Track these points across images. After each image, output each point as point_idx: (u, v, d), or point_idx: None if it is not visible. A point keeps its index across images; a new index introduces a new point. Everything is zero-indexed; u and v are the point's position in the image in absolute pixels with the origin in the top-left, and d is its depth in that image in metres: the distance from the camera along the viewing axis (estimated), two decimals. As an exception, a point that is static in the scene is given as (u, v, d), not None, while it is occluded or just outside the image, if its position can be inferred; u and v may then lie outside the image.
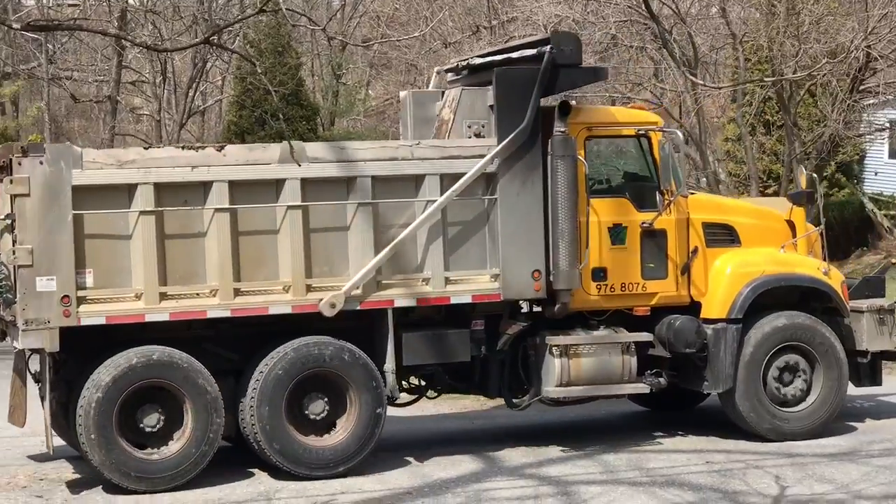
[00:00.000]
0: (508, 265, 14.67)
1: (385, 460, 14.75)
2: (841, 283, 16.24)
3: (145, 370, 13.41)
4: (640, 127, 15.65)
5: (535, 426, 17.19)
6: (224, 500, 13.07)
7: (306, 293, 13.97)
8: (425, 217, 14.38)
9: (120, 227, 13.47)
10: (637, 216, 15.41)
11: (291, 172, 13.84)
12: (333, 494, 13.21)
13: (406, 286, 14.50)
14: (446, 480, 13.77)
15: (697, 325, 15.31)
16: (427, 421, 17.69)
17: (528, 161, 14.75)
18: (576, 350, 14.90)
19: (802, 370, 15.64)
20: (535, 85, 14.66)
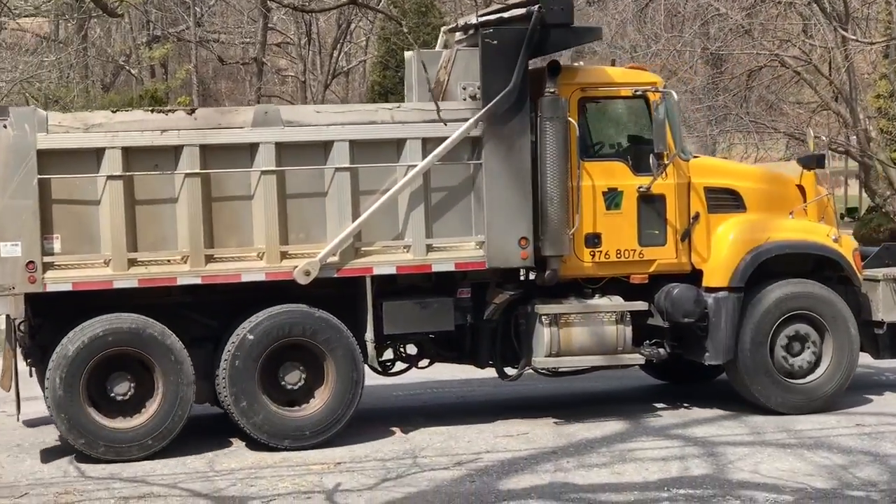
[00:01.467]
0: (494, 232, 13.79)
1: (531, 420, 14.47)
2: (853, 251, 15.05)
3: (112, 338, 12.91)
4: (637, 87, 14.57)
5: (679, 387, 16.59)
6: (370, 457, 12.86)
7: (281, 260, 13.34)
8: (405, 182, 13.58)
9: (88, 192, 12.97)
10: (634, 180, 14.39)
11: (265, 136, 13.22)
12: (478, 454, 12.89)
13: (386, 253, 13.73)
14: (591, 440, 13.44)
15: (697, 293, 14.30)
16: (574, 381, 16.90)
17: (515, 124, 13.81)
18: (566, 319, 14.02)
19: (812, 340, 14.57)
20: (523, 46, 13.73)
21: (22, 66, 31.95)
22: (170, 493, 11.75)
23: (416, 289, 14.21)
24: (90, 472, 12.67)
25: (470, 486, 11.61)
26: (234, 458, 13.06)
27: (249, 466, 12.71)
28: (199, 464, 12.90)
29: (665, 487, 11.29)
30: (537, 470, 12.19)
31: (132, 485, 12.10)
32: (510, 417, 14.71)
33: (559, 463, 12.48)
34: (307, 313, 13.47)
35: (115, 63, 50.21)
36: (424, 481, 11.81)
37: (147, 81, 50.82)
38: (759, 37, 31.39)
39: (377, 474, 12.13)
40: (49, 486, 12.08)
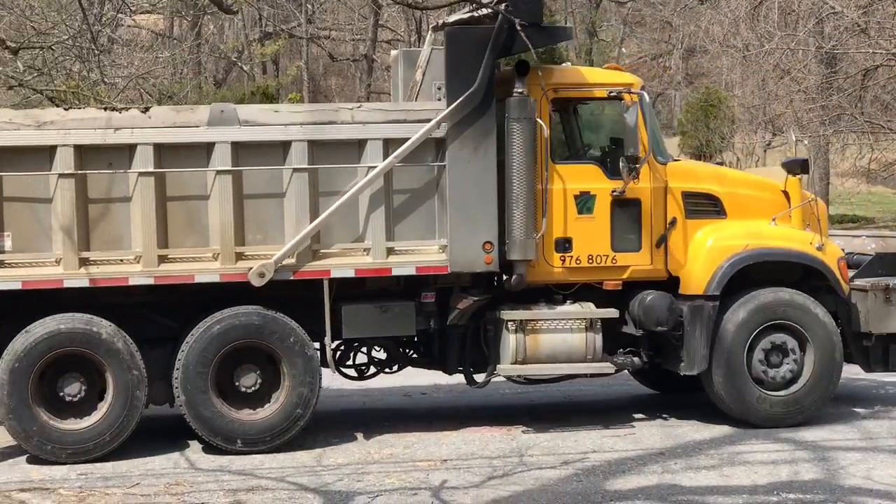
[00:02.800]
0: (457, 235, 13.10)
1: (638, 421, 14.14)
2: (838, 260, 14.01)
3: (59, 339, 12.52)
4: (612, 88, 13.74)
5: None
6: (477, 454, 12.58)
7: (236, 261, 12.81)
8: (364, 184, 12.93)
9: (40, 190, 12.55)
10: (608, 184, 13.59)
11: (222, 136, 12.71)
12: (585, 453, 12.56)
13: (345, 256, 13.11)
14: (700, 442, 13.02)
15: (670, 301, 13.48)
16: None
17: (480, 126, 13.10)
18: (533, 326, 13.34)
19: (792, 351, 13.67)
20: (488, 45, 13.07)
21: (137, 62, 32.32)
22: (278, 487, 11.47)
23: (385, 292, 13.58)
24: (200, 463, 12.49)
25: (576, 486, 11.30)
26: (342, 454, 12.78)
27: (356, 462, 12.43)
28: (306, 458, 12.64)
29: (774, 491, 10.91)
30: (644, 471, 11.85)
31: (241, 477, 11.87)
32: (617, 417, 14.29)
33: (666, 464, 12.09)
34: (262, 315, 12.90)
35: (227, 59, 50.69)
36: (531, 480, 11.52)
37: (258, 78, 51.22)
38: (876, 36, 30.77)
39: (483, 472, 11.85)
40: (160, 477, 11.90)
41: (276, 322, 12.91)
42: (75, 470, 12.26)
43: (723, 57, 56.88)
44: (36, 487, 11.66)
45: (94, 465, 12.40)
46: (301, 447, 13.02)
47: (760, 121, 45.98)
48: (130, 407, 12.71)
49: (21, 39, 25.05)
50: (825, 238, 14.13)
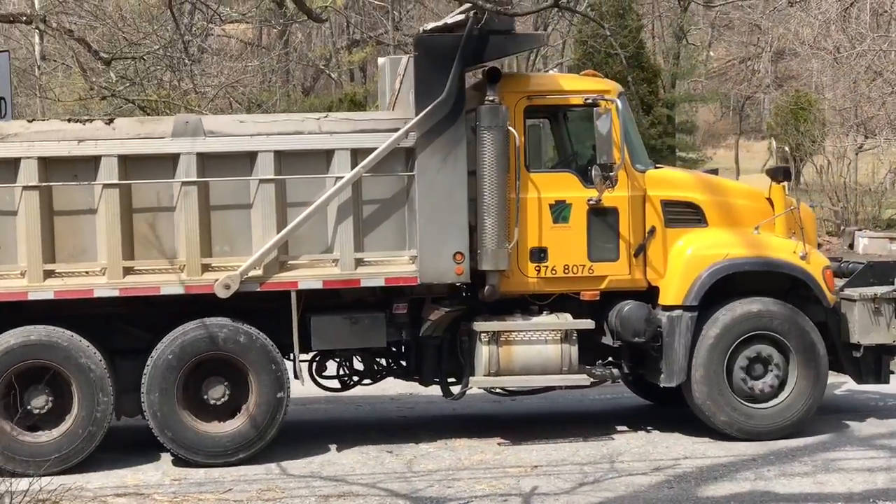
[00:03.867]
0: (427, 246, 12.68)
1: None
2: (823, 269, 13.39)
3: (24, 351, 12.28)
4: (588, 95, 13.24)
5: (888, 396, 15.43)
6: (567, 461, 12.41)
7: (202, 273, 12.47)
8: (331, 194, 12.52)
9: (4, 203, 12.31)
10: (584, 192, 13.08)
11: (187, 147, 12.40)
12: (677, 459, 12.32)
13: (313, 267, 12.73)
14: (793, 448, 12.67)
15: (648, 312, 13.01)
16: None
17: (450, 135, 12.66)
18: (507, 337, 12.89)
19: (775, 363, 13.12)
20: (457, 53, 12.64)
21: (227, 71, 32.70)
22: (369, 493, 11.28)
23: (360, 303, 13.17)
24: (292, 469, 12.30)
25: (668, 492, 11.06)
26: (432, 460, 12.54)
27: (447, 468, 12.16)
28: (397, 464, 12.41)
29: (871, 499, 10.66)
30: (736, 477, 11.57)
31: (332, 483, 11.68)
32: (707, 424, 13.61)
33: (759, 471, 11.79)
34: (229, 327, 12.55)
35: (315, 67, 50.99)
36: (622, 486, 11.29)
37: (346, 85, 51.45)
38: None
39: (574, 478, 11.64)
40: (252, 483, 11.74)
41: (243, 334, 12.57)
42: (169, 475, 12.10)
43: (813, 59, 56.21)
44: (131, 493, 11.51)
45: (187, 471, 12.25)
46: (391, 453, 12.87)
47: (852, 124, 45.41)
48: (96, 419, 12.42)
49: (113, 50, 25.34)
50: (810, 246, 13.49)
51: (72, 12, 26.15)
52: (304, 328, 12.84)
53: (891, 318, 13.36)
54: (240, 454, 12.58)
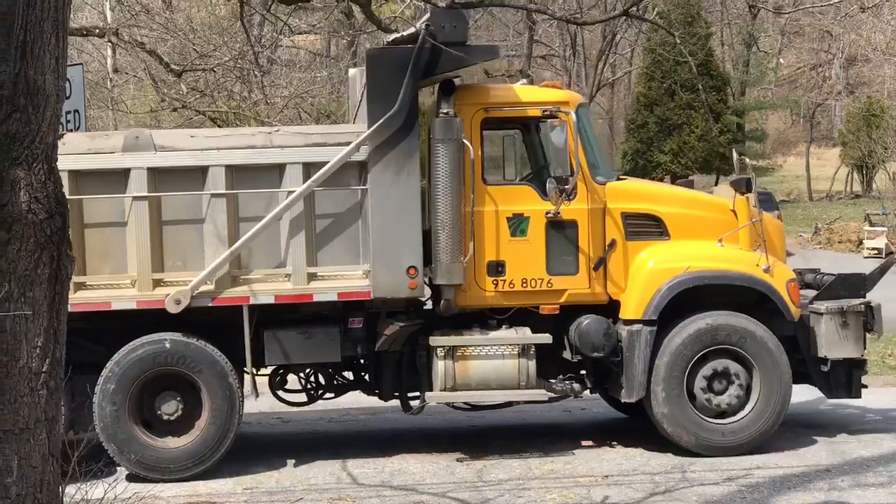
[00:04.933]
0: (380, 261, 12.51)
1: (804, 437, 13.55)
2: (787, 282, 13.06)
3: None
4: (546, 107, 12.95)
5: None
6: (639, 470, 12.31)
7: (153, 288, 12.40)
8: (281, 209, 12.43)
9: None
10: (542, 205, 12.86)
11: (137, 162, 12.30)
12: (749, 469, 12.14)
13: (266, 282, 12.65)
14: (867, 459, 12.49)
15: (607, 326, 12.77)
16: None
17: (403, 148, 12.49)
18: (463, 352, 12.68)
19: (736, 377, 12.85)
20: (409, 66, 12.45)
21: (296, 82, 32.88)
22: (439, 502, 11.28)
23: (319, 318, 13.04)
24: (362, 478, 12.29)
25: (741, 503, 10.97)
26: (503, 469, 12.44)
27: (517, 477, 12.05)
28: (467, 473, 12.34)
29: None
30: (810, 488, 11.41)
31: (402, 493, 11.62)
32: (780, 433, 13.50)
33: (833, 481, 11.63)
34: (179, 342, 12.45)
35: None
36: (693, 496, 11.19)
37: (414, 95, 51.73)
38: None
39: (645, 488, 11.51)
40: (323, 492, 11.72)
41: (195, 349, 12.48)
42: (241, 484, 12.13)
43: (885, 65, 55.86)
44: (204, 501, 11.58)
45: (258, 480, 12.28)
46: (463, 462, 12.91)
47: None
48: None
49: (184, 62, 25.57)
50: (774, 259, 13.21)
51: (143, 25, 26.42)
52: (259, 342, 12.77)
53: (859, 332, 13.07)
54: (193, 469, 12.46)
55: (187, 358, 12.50)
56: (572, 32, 50.42)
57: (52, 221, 6.54)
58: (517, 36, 52.49)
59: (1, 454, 6.51)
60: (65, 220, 6.66)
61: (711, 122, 58.67)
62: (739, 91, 63.45)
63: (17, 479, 6.54)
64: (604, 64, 54.92)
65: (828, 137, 78.84)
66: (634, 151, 59.74)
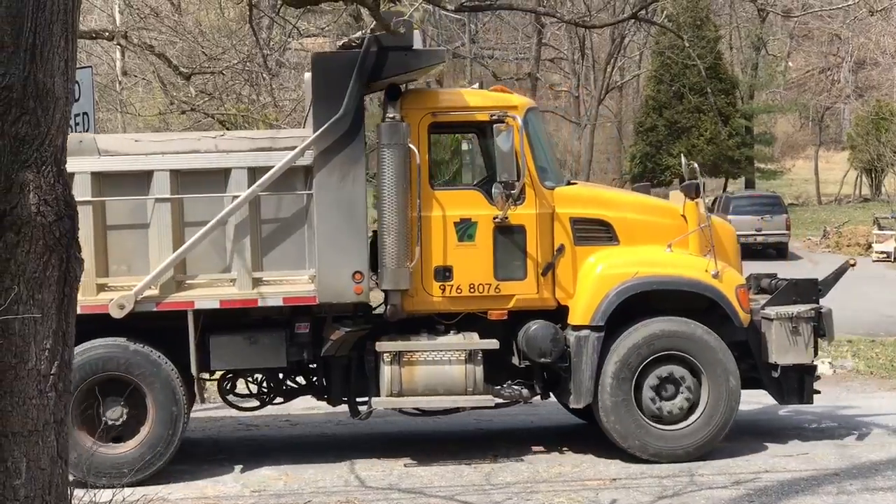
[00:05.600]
0: (325, 266, 12.44)
1: (813, 441, 13.57)
2: (736, 287, 12.99)
3: None
4: (493, 112, 12.87)
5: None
6: (646, 473, 12.27)
7: (97, 293, 12.31)
8: (225, 214, 12.37)
9: None
10: (490, 210, 12.77)
11: (80, 166, 12.05)
12: (757, 473, 12.13)
13: (211, 287, 12.59)
14: (876, 463, 12.44)
15: (554, 332, 12.68)
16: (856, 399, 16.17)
17: (348, 153, 12.44)
18: (409, 357, 12.59)
19: (686, 384, 12.78)
20: (354, 70, 12.39)
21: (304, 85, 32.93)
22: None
23: (269, 322, 13.00)
24: (370, 481, 12.27)
25: None
26: (511, 472, 12.42)
27: (525, 480, 12.04)
28: (475, 476, 12.32)
29: None
30: (819, 492, 11.38)
31: (410, 496, 11.60)
32: (790, 436, 13.79)
33: (842, 485, 11.58)
34: (123, 347, 12.38)
35: (392, 80, 51.38)
36: (702, 500, 11.15)
37: (423, 98, 51.81)
38: None
39: (653, 491, 11.50)
40: (331, 495, 11.69)
41: (139, 354, 12.43)
42: (249, 487, 12.14)
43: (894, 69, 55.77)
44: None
45: (266, 482, 12.24)
46: (470, 465, 12.76)
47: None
48: None
49: (193, 65, 25.57)
50: (724, 264, 13.13)
51: (152, 28, 26.45)
52: (205, 347, 12.71)
53: (809, 338, 13.05)
54: (139, 475, 12.31)
55: (132, 363, 12.43)
56: (581, 36, 50.46)
57: (61, 224, 6.54)
58: (526, 39, 52.55)
59: (10, 456, 6.50)
60: (74, 223, 6.66)
61: (720, 125, 58.66)
62: (748, 94, 63.38)
63: (26, 482, 6.54)
64: (612, 67, 54.89)
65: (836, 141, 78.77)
66: (643, 155, 59.73)
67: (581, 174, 53.78)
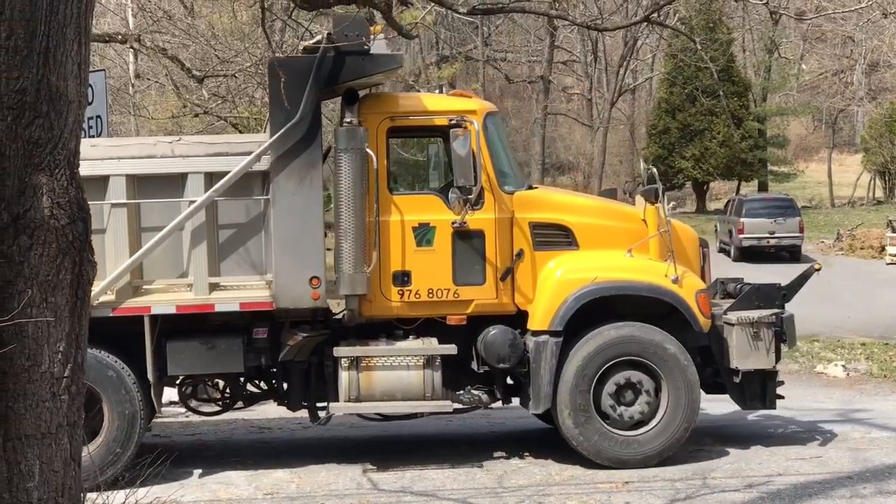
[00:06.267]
0: (282, 271, 12.39)
1: (825, 444, 13.56)
2: (696, 293, 12.90)
3: None
4: (452, 116, 12.82)
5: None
6: (659, 476, 12.25)
7: None
8: (181, 219, 12.30)
9: None
10: (448, 215, 12.72)
11: None
12: (770, 476, 12.09)
13: (167, 292, 12.54)
14: (890, 466, 12.39)
15: (513, 337, 12.65)
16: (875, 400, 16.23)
17: (305, 158, 12.38)
18: (367, 363, 12.51)
19: (646, 389, 12.72)
20: (311, 75, 12.32)
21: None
22: None
23: (227, 328, 12.89)
24: (383, 484, 12.25)
25: None
26: (523, 475, 12.40)
27: (538, 483, 12.03)
28: (487, 480, 12.28)
29: None
30: (832, 495, 11.33)
31: (423, 498, 11.61)
32: (801, 440, 13.75)
33: (855, 488, 11.53)
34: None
35: (404, 82, 51.37)
36: (714, 503, 11.14)
37: (436, 101, 51.81)
38: None
39: (666, 494, 11.49)
40: (343, 497, 11.69)
41: (94, 359, 12.20)
42: (262, 489, 12.15)
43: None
44: None
45: (279, 485, 12.24)
46: (482, 468, 12.77)
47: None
48: None
49: (206, 68, 25.65)
50: (684, 269, 13.08)
51: (165, 31, 26.51)
52: (163, 353, 12.68)
53: (771, 344, 12.95)
54: (95, 479, 12.27)
55: (88, 368, 12.49)
56: (593, 38, 50.42)
57: (74, 227, 6.55)
58: (538, 42, 52.54)
59: (23, 459, 6.51)
60: (87, 226, 6.67)
61: (733, 127, 58.57)
62: (761, 97, 63.29)
63: (39, 484, 6.54)
64: (625, 70, 54.86)
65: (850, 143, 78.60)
66: (656, 157, 59.70)
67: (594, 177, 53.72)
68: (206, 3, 30.45)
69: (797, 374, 19.84)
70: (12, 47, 6.43)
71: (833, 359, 20.83)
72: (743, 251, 39.63)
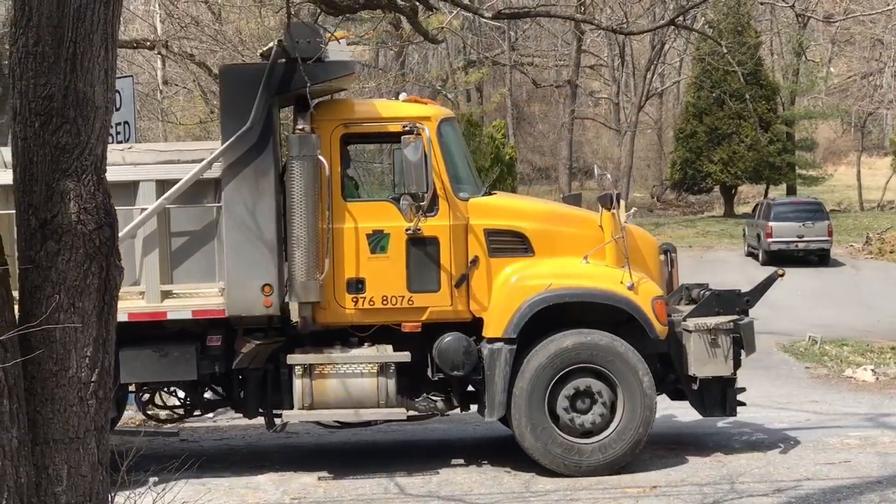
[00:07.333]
0: (234, 278, 12.31)
1: (852, 449, 13.45)
2: (652, 299, 12.78)
3: None
4: (406, 122, 12.70)
5: None
6: (687, 481, 12.19)
7: None
8: (132, 227, 12.14)
9: None
10: (402, 222, 12.61)
11: None
12: (798, 481, 11.99)
13: (118, 300, 13.10)
14: None
15: (467, 344, 12.55)
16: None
17: (257, 165, 12.32)
18: (321, 370, 12.45)
19: (599, 396, 12.60)
20: (262, 82, 12.26)
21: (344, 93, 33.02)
22: None
23: (183, 335, 12.83)
24: (409, 488, 12.22)
25: None
26: (550, 480, 12.36)
27: (565, 488, 11.97)
28: (514, 484, 12.27)
29: None
30: (861, 500, 11.25)
31: (450, 503, 11.62)
32: (829, 444, 13.65)
33: (884, 493, 11.41)
34: None
35: (431, 88, 51.40)
36: None
37: (463, 105, 51.71)
38: None
39: (693, 499, 11.39)
40: (370, 502, 11.75)
41: None
42: (289, 494, 12.14)
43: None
44: None
45: (307, 489, 12.25)
46: (511, 472, 12.75)
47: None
48: None
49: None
50: (640, 276, 12.98)
51: (193, 37, 26.60)
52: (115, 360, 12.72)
53: (729, 350, 12.81)
54: None
55: None
56: (620, 42, 50.38)
57: (101, 232, 6.58)
58: (565, 46, 52.54)
59: (51, 463, 6.55)
60: (114, 231, 6.69)
61: (761, 131, 58.39)
62: (789, 100, 63.07)
63: (67, 489, 6.58)
64: (652, 74, 54.81)
65: (879, 146, 78.19)
66: (683, 161, 59.55)
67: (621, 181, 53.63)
68: (233, 9, 30.55)
69: (826, 378, 19.77)
70: (40, 53, 6.48)
71: (862, 363, 20.74)
72: (771, 255, 39.46)
